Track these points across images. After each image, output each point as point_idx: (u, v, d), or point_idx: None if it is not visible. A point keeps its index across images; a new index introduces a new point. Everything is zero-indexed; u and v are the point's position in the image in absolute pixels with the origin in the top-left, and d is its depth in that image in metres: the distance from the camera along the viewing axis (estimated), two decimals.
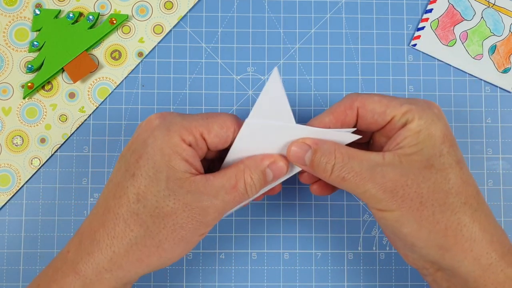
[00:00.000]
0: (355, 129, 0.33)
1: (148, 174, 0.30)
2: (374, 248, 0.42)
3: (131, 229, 0.30)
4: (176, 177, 0.30)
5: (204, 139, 0.31)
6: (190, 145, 0.31)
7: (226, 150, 0.33)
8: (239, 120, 0.33)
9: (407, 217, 0.30)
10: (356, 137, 0.32)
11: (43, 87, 0.43)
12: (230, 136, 0.32)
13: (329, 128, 0.32)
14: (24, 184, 0.42)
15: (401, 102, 0.31)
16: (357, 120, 0.32)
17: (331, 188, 0.35)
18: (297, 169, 0.34)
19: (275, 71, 0.31)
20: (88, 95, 0.43)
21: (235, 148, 0.32)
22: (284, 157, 0.32)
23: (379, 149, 0.34)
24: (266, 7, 0.44)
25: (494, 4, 0.43)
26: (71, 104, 0.43)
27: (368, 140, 0.36)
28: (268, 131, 0.32)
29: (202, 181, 0.30)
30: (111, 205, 0.30)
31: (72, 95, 0.43)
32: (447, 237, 0.30)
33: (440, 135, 0.30)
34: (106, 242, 0.30)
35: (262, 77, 0.43)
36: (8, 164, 0.42)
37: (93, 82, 0.43)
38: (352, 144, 0.32)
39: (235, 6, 0.44)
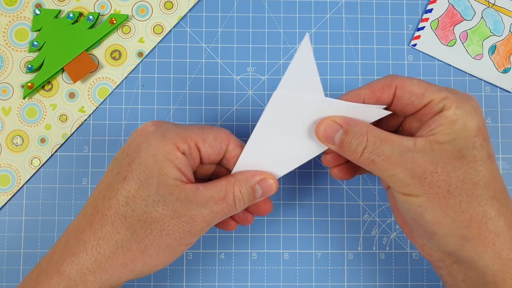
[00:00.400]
0: (385, 106, 0.32)
1: (139, 179, 0.30)
2: (374, 248, 0.42)
3: (118, 231, 0.30)
4: (167, 184, 0.30)
5: (198, 149, 0.32)
6: (183, 153, 0.31)
7: (218, 172, 0.34)
8: (233, 135, 0.33)
9: (432, 203, 0.29)
10: (387, 112, 0.32)
11: (43, 87, 0.43)
12: (224, 148, 0.32)
13: (364, 102, 0.32)
14: (24, 184, 0.42)
15: (440, 88, 0.31)
16: (392, 100, 0.32)
17: (352, 173, 0.35)
18: (314, 153, 0.33)
19: (307, 37, 0.30)
20: (88, 95, 0.43)
21: (261, 125, 0.32)
22: (273, 176, 0.33)
23: (408, 135, 0.33)
24: (266, 7, 0.44)
25: (494, 4, 0.43)
26: (71, 104, 0.43)
27: (396, 129, 0.35)
28: (297, 104, 0.31)
29: (192, 189, 0.31)
30: (100, 206, 0.31)
31: (72, 95, 0.43)
32: (471, 227, 0.29)
33: (475, 128, 0.30)
34: (92, 243, 0.30)
35: (262, 77, 0.43)
36: (8, 164, 0.42)
37: (93, 82, 0.43)
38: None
39: (235, 6, 0.44)
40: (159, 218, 0.30)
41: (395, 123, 0.35)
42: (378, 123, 0.33)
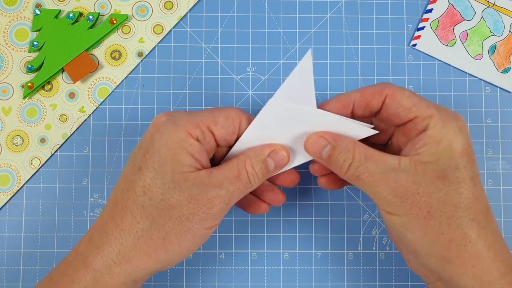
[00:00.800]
0: (373, 126, 0.33)
1: (154, 168, 0.30)
2: (374, 248, 0.42)
3: (138, 221, 0.30)
4: (181, 171, 0.30)
5: (212, 132, 0.32)
6: (197, 139, 0.31)
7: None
8: (244, 112, 0.33)
9: (413, 223, 0.30)
10: (374, 132, 0.33)
11: (43, 87, 0.43)
12: (237, 126, 0.32)
13: (353, 105, 0.33)
14: (24, 184, 0.42)
15: (429, 105, 0.31)
16: (381, 108, 0.33)
17: (339, 184, 0.36)
18: (303, 160, 0.34)
19: (309, 54, 0.31)
20: (88, 95, 0.43)
21: (251, 131, 0.33)
22: (285, 147, 0.33)
23: (397, 151, 0.34)
24: (266, 7, 0.44)
25: (494, 4, 0.43)
26: (71, 104, 0.43)
27: (386, 142, 0.36)
28: (288, 114, 0.32)
29: (206, 174, 0.31)
30: (119, 199, 0.31)
31: (72, 95, 0.43)
32: (450, 249, 0.30)
33: (460, 149, 0.30)
34: (115, 234, 0.30)
35: (262, 77, 0.43)
36: (8, 164, 0.42)
37: (93, 82, 0.43)
38: (371, 145, 0.32)
39: (235, 6, 0.44)
40: (177, 204, 0.30)
41: (385, 137, 0.35)
42: (369, 136, 0.33)
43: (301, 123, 0.33)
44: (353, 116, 0.34)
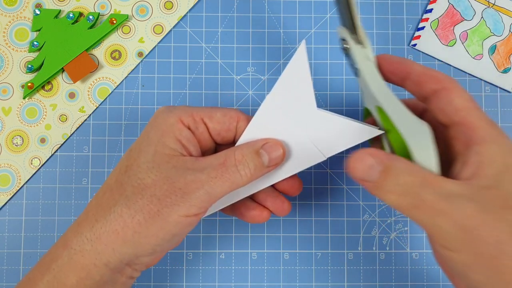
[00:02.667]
0: (378, 127, 0.31)
1: (140, 147, 0.31)
2: (374, 248, 0.42)
3: (114, 197, 0.30)
4: (164, 153, 0.30)
5: (206, 125, 0.31)
6: (189, 127, 0.31)
7: None
8: (244, 114, 0.32)
9: (480, 263, 0.25)
10: (379, 132, 0.30)
11: (43, 87, 0.43)
12: (234, 125, 0.32)
13: (410, 72, 0.29)
14: (24, 184, 0.42)
15: (481, 116, 0.27)
16: (431, 97, 0.28)
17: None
18: (304, 166, 0.32)
19: (303, 45, 0.30)
20: (88, 95, 0.43)
21: (249, 131, 0.32)
22: (280, 142, 0.31)
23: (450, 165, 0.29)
24: (266, 7, 0.44)
25: (494, 4, 0.43)
26: (71, 104, 0.43)
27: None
28: (286, 115, 0.31)
29: (191, 160, 0.30)
30: (108, 178, 0.31)
31: (72, 95, 0.43)
32: None
33: None
34: (93, 211, 0.30)
35: (262, 77, 0.43)
36: (8, 164, 0.42)
37: (93, 82, 0.43)
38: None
39: (235, 6, 0.44)
40: (151, 184, 0.29)
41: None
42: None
43: (300, 124, 0.32)
44: (403, 83, 0.30)
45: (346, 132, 0.31)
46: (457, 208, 0.24)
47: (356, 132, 0.31)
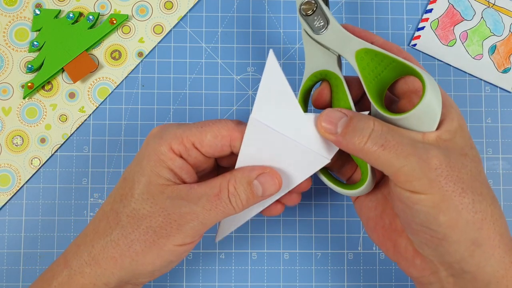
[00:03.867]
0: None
1: (133, 177, 0.31)
2: (374, 248, 0.42)
3: (110, 226, 0.31)
4: (158, 183, 0.30)
5: (197, 149, 0.31)
6: (180, 155, 0.31)
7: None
8: (239, 126, 0.31)
9: (448, 202, 0.27)
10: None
11: (43, 87, 0.43)
12: (226, 144, 0.31)
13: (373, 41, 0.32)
14: (24, 184, 0.42)
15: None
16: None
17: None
18: (299, 181, 0.32)
19: (271, 54, 0.29)
20: (88, 95, 0.43)
21: (244, 149, 0.31)
22: (277, 173, 0.31)
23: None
24: (266, 7, 0.44)
25: (494, 4, 0.43)
26: (71, 104, 0.43)
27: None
28: (277, 125, 0.31)
29: (185, 188, 0.30)
30: (105, 203, 0.32)
31: (72, 95, 0.43)
32: (482, 230, 0.27)
33: (467, 129, 0.30)
34: (90, 236, 0.31)
35: None
36: (8, 164, 0.42)
37: (93, 82, 0.43)
38: None
39: (235, 6, 0.44)
40: (147, 215, 0.30)
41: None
42: None
43: (293, 133, 0.31)
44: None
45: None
46: (422, 149, 0.27)
47: None
